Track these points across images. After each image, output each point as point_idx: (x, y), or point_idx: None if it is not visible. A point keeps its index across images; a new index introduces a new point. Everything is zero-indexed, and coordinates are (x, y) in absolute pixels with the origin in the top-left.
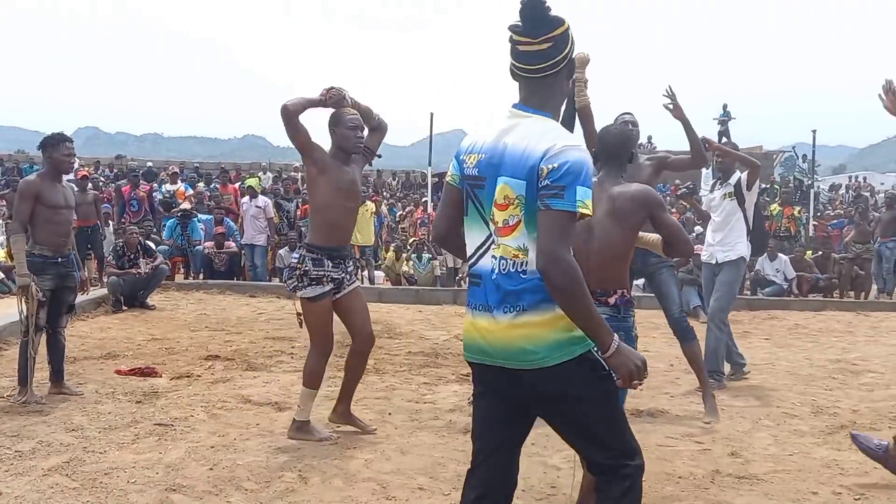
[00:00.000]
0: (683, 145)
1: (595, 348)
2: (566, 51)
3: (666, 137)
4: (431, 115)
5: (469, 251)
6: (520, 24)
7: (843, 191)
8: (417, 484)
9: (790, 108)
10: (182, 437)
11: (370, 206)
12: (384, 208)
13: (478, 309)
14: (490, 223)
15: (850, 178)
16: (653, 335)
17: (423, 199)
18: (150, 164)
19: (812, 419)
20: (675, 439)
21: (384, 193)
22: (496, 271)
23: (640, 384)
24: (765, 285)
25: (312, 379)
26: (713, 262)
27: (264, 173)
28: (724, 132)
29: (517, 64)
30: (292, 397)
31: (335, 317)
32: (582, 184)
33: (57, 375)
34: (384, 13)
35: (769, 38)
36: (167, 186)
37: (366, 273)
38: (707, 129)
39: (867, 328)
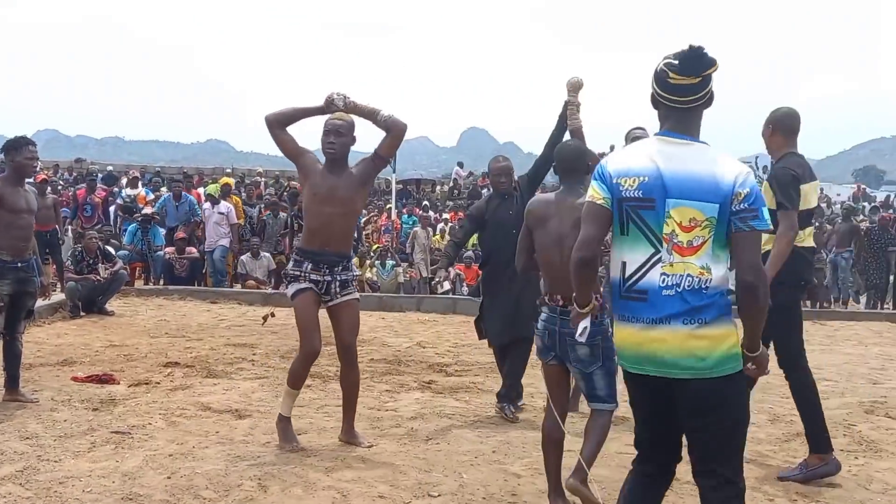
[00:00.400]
0: None
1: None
2: (711, 84)
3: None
4: None
5: (629, 268)
6: (678, 63)
7: None
8: (378, 492)
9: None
10: (139, 445)
11: None
12: None
13: (646, 322)
14: (660, 241)
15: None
16: None
17: (388, 206)
18: (110, 167)
19: (769, 427)
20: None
21: None
22: (679, 286)
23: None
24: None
25: (292, 379)
26: None
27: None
28: None
29: (668, 96)
30: (253, 404)
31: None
32: (764, 205)
33: (12, 382)
34: (350, 19)
35: (731, 47)
36: (127, 191)
37: None
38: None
39: (823, 337)
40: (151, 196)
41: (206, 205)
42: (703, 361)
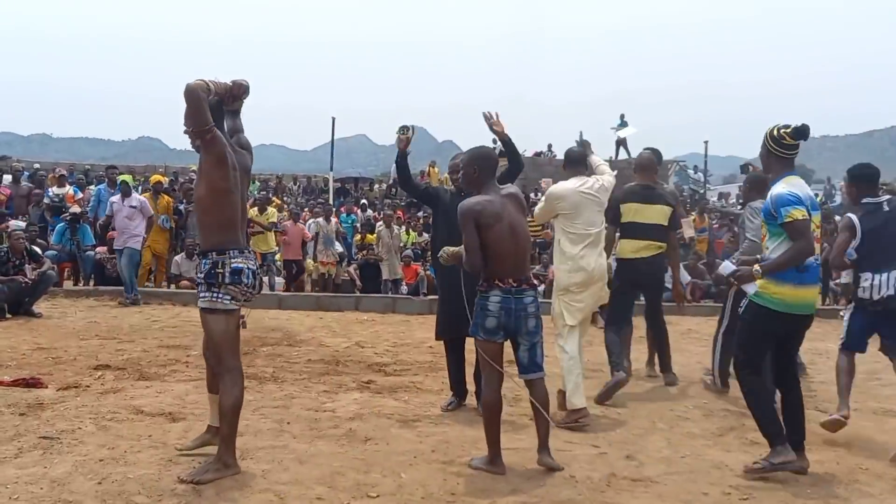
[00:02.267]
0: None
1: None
2: None
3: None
4: (333, 119)
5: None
6: (792, 131)
7: (732, 199)
8: (315, 494)
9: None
10: (69, 450)
11: (271, 212)
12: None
13: (813, 283)
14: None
15: (739, 187)
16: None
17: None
18: (36, 165)
19: (703, 422)
20: (573, 444)
21: (285, 199)
22: (815, 263)
23: None
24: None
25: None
26: None
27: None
28: (621, 141)
29: (785, 152)
30: (187, 407)
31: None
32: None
33: None
34: (286, 13)
35: (664, 48)
36: (54, 190)
37: (266, 279)
38: (606, 138)
39: None
40: (80, 195)
41: (115, 198)
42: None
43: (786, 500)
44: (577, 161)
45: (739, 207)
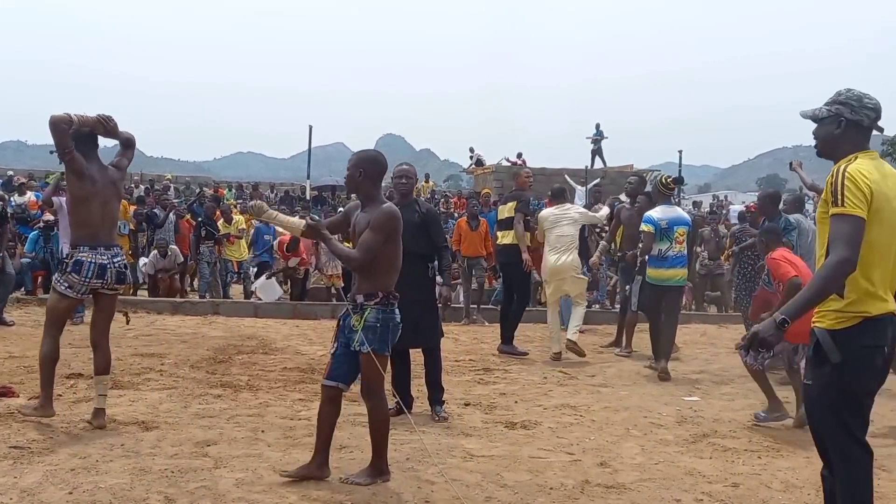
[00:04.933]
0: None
1: None
2: None
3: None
4: (310, 127)
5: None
6: (679, 182)
7: (705, 208)
8: (289, 502)
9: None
10: (40, 459)
11: (238, 219)
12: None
13: (672, 267)
14: None
15: (713, 196)
16: (530, 346)
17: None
18: (10, 172)
19: (677, 428)
20: (548, 451)
21: None
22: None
23: None
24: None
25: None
26: None
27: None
28: (597, 151)
29: (667, 192)
30: (160, 416)
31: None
32: None
33: None
34: (264, 20)
35: (640, 59)
36: (16, 199)
37: (241, 287)
38: (582, 148)
39: (728, 340)
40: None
41: (63, 198)
42: None
43: None
44: (558, 194)
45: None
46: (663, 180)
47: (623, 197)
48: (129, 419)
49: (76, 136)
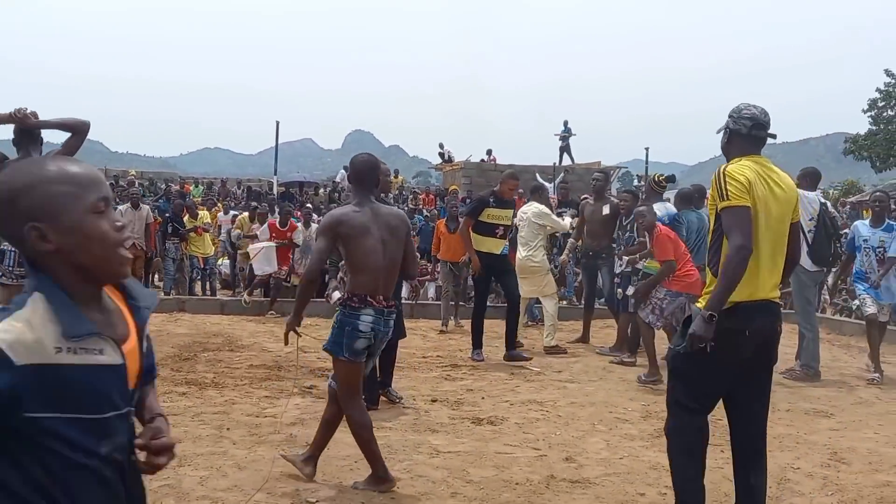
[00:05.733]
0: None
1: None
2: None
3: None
4: (277, 123)
5: None
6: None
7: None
8: (254, 500)
9: (626, 127)
10: None
11: (203, 214)
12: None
13: None
14: None
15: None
16: (495, 344)
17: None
18: None
19: (642, 423)
20: (514, 446)
21: (229, 202)
22: None
23: None
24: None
25: None
26: None
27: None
28: (565, 147)
29: (660, 190)
30: None
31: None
32: None
33: None
34: (229, 16)
35: (607, 58)
36: None
37: (207, 284)
38: (551, 145)
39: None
40: None
41: None
42: None
43: (719, 500)
44: (533, 191)
45: None
46: (656, 178)
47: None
48: None
49: (17, 133)
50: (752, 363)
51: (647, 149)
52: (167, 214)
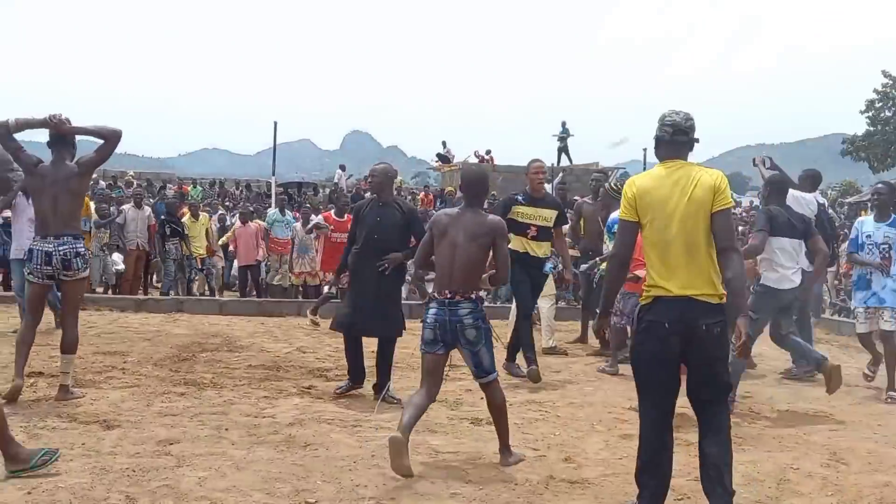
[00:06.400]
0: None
1: None
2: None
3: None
4: (275, 123)
5: None
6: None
7: None
8: (253, 500)
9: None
10: None
11: (204, 217)
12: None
13: None
14: None
15: None
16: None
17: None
18: None
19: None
20: (513, 447)
21: (227, 203)
22: None
23: None
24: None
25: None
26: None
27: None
28: (563, 148)
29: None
30: (122, 414)
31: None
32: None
33: None
34: (226, 15)
35: (602, 60)
36: None
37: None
38: (549, 145)
39: None
40: None
41: (21, 197)
42: None
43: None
44: None
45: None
46: (614, 185)
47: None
48: (91, 418)
49: (51, 136)
50: (689, 357)
51: (644, 150)
52: (162, 216)
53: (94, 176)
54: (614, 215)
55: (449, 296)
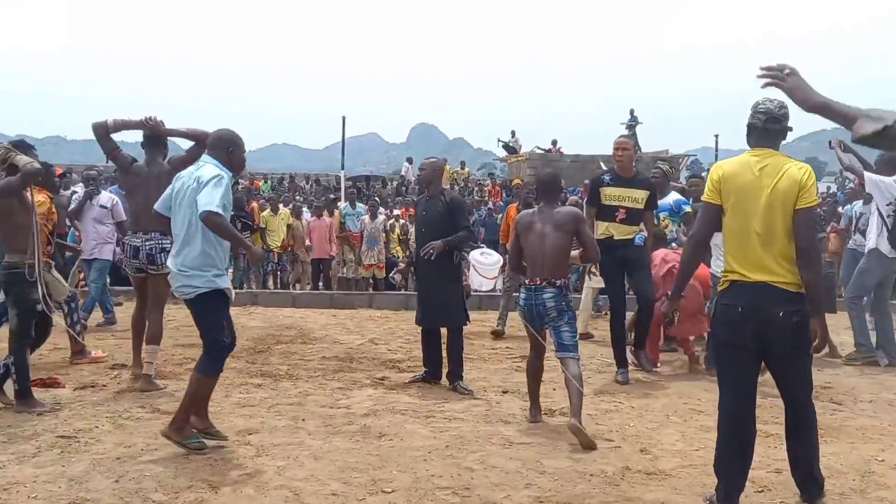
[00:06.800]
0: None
1: None
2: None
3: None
4: (343, 118)
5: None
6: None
7: None
8: (331, 490)
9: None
10: (86, 449)
11: (285, 212)
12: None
13: None
14: None
15: None
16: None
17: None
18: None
19: (717, 414)
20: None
21: (298, 197)
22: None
23: None
24: None
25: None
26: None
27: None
28: (631, 136)
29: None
30: None
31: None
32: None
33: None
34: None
35: (673, 45)
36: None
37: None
38: (615, 134)
39: None
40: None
41: (78, 188)
42: None
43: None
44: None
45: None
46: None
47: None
48: (173, 409)
49: (145, 137)
50: (765, 345)
51: (716, 136)
52: (232, 212)
53: None
54: (664, 200)
55: (537, 282)
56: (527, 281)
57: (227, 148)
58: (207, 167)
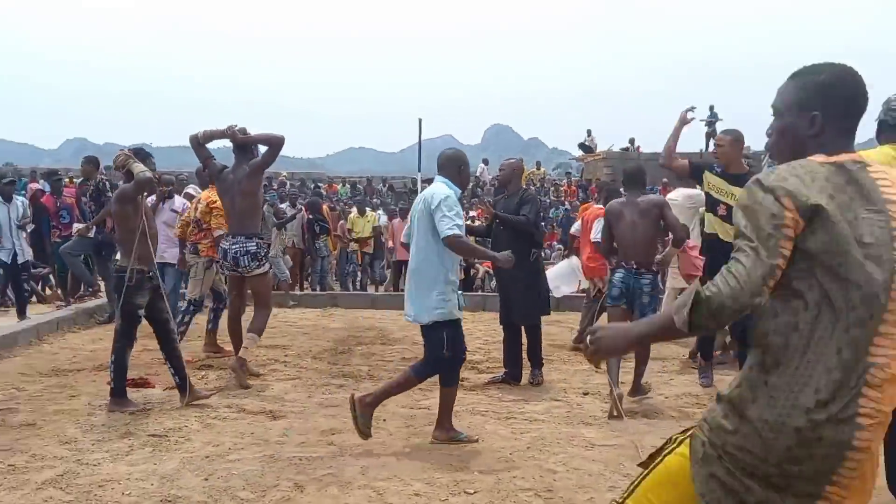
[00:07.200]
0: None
1: None
2: None
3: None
4: (420, 120)
5: None
6: None
7: None
8: (414, 490)
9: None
10: (176, 447)
11: (371, 215)
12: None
13: None
14: None
15: None
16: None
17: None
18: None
19: None
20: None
21: (375, 200)
22: None
23: None
24: None
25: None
26: None
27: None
28: (711, 133)
29: None
30: (287, 405)
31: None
32: None
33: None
34: (371, 18)
35: (753, 37)
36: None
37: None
38: (695, 130)
39: None
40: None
41: (151, 198)
42: None
43: None
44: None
45: None
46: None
47: None
48: (258, 408)
49: (233, 144)
50: None
51: None
52: (309, 216)
53: None
54: (681, 196)
55: (635, 266)
56: (623, 263)
57: (458, 167)
58: (438, 186)
